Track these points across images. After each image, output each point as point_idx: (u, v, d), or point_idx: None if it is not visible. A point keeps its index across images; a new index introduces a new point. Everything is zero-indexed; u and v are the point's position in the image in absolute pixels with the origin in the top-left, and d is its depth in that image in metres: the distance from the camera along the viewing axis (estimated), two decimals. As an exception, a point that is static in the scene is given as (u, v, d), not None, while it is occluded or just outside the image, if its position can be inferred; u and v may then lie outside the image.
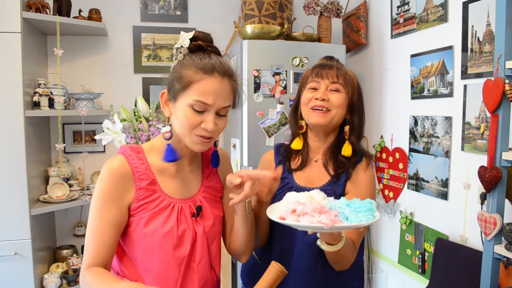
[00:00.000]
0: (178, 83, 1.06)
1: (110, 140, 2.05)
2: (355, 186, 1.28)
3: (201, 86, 1.03)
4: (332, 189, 1.28)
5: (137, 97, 2.21)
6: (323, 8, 2.56)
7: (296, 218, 0.97)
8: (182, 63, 1.07)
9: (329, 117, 1.27)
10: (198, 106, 1.04)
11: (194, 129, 1.05)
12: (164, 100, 1.11)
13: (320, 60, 1.38)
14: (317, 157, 1.35)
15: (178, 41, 1.09)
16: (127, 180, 1.08)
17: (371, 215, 0.98)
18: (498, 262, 1.38)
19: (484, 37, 1.67)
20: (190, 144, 1.08)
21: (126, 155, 1.10)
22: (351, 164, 1.30)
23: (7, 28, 2.13)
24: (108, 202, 1.05)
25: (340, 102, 1.28)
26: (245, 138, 2.29)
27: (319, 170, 1.33)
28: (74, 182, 2.64)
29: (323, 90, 1.28)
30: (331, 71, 1.29)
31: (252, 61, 2.28)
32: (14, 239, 2.20)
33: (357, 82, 1.34)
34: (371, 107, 2.51)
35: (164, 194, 1.12)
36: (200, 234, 1.13)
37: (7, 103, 2.16)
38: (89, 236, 1.05)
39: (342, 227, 0.96)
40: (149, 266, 1.09)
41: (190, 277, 1.12)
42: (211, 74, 1.04)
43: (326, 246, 1.08)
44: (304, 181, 1.33)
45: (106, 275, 0.99)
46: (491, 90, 1.31)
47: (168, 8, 2.92)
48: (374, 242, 2.50)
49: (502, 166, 1.32)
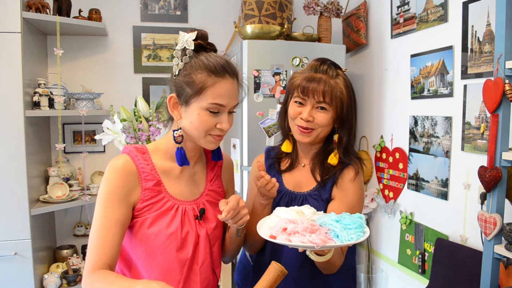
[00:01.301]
0: (190, 88, 1.05)
1: (110, 140, 2.05)
2: (341, 192, 1.28)
3: (216, 89, 1.05)
4: (319, 194, 1.29)
5: (137, 97, 2.21)
6: (323, 8, 2.56)
7: (287, 237, 0.99)
8: (191, 66, 1.06)
9: (313, 136, 1.27)
10: (214, 109, 1.06)
11: (210, 130, 1.08)
12: (173, 104, 1.10)
13: (310, 66, 1.30)
14: (305, 162, 1.36)
15: (179, 43, 1.07)
16: (133, 179, 1.07)
17: (361, 231, 1.00)
18: (498, 262, 1.38)
19: (484, 37, 1.67)
20: (205, 144, 1.11)
21: (132, 155, 1.10)
22: (337, 170, 1.29)
23: (7, 28, 2.13)
24: (114, 200, 1.04)
25: (326, 122, 1.25)
26: (245, 138, 2.29)
27: (307, 175, 1.34)
28: (74, 182, 2.64)
29: (309, 110, 1.24)
30: (318, 88, 1.22)
31: (252, 61, 2.28)
32: (14, 239, 2.20)
33: (347, 92, 1.27)
34: (371, 107, 2.51)
35: (169, 196, 1.11)
36: (203, 237, 1.13)
37: (7, 103, 2.16)
38: (94, 236, 1.02)
39: (333, 246, 0.98)
40: (152, 268, 1.08)
41: (192, 279, 1.12)
42: (223, 76, 1.06)
43: (315, 257, 1.09)
44: (293, 185, 1.34)
45: (115, 276, 0.95)
46: (491, 90, 1.31)
47: (168, 8, 2.92)
48: (374, 242, 2.50)
49: (502, 166, 1.31)
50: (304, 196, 1.30)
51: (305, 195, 1.31)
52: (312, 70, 1.27)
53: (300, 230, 0.98)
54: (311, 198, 1.29)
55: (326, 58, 1.30)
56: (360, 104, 2.61)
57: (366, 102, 2.55)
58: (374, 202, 2.42)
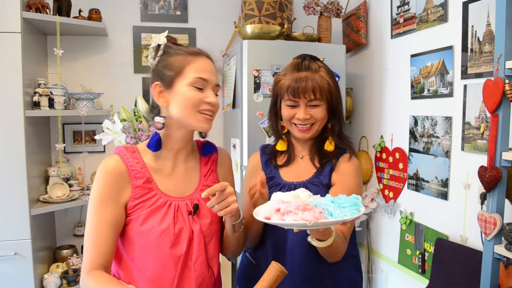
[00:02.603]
0: (170, 70, 1.10)
1: (110, 140, 2.05)
2: (340, 176, 1.31)
3: (196, 65, 1.10)
4: (319, 180, 1.31)
5: (137, 97, 2.21)
6: (323, 8, 2.56)
7: (280, 217, 0.99)
8: (168, 53, 1.12)
9: (313, 131, 1.32)
10: (198, 83, 1.09)
11: (199, 106, 1.09)
12: (158, 91, 1.12)
13: (292, 65, 1.32)
14: (302, 153, 1.39)
15: (153, 43, 1.14)
16: (123, 179, 1.08)
17: (355, 209, 0.99)
18: (498, 262, 1.38)
19: (484, 37, 1.67)
20: (197, 123, 1.11)
21: (121, 155, 1.11)
22: (334, 155, 1.33)
23: (7, 28, 2.13)
24: (105, 202, 1.06)
25: (322, 115, 1.30)
26: (245, 138, 2.29)
27: (305, 165, 1.36)
28: (74, 182, 2.64)
29: (303, 109, 1.28)
30: (307, 87, 1.25)
31: (252, 61, 2.28)
32: (14, 239, 2.20)
33: (332, 81, 1.31)
34: (371, 107, 2.51)
35: (161, 192, 1.12)
36: (197, 233, 1.13)
37: (7, 103, 2.16)
38: (88, 238, 1.06)
39: (326, 223, 0.97)
40: (146, 265, 1.09)
41: (187, 275, 1.12)
42: (199, 55, 1.12)
43: (316, 242, 1.10)
44: (291, 176, 1.35)
45: (107, 279, 0.99)
46: (491, 90, 1.31)
47: (168, 8, 2.92)
48: (374, 242, 2.50)
49: (502, 166, 1.32)
50: (304, 184, 1.32)
51: (305, 183, 1.32)
52: (295, 70, 1.30)
53: (292, 209, 0.98)
54: (311, 185, 1.31)
55: (304, 54, 1.34)
56: (360, 104, 2.62)
57: (366, 102, 2.55)
58: (374, 202, 2.42)
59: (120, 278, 1.12)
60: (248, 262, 1.43)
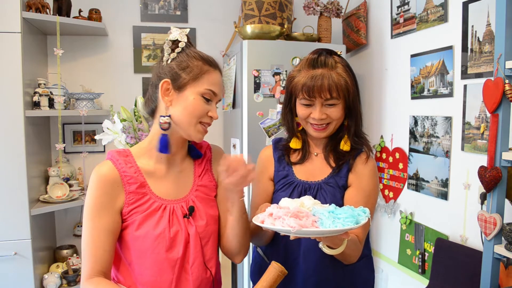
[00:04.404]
0: (186, 74, 1.08)
1: (110, 140, 2.04)
2: (357, 178, 1.27)
3: (211, 77, 1.10)
4: (335, 181, 1.28)
5: (137, 97, 2.21)
6: (323, 8, 2.56)
7: (272, 221, 1.00)
8: (186, 55, 1.10)
9: (329, 130, 1.26)
10: (208, 95, 1.10)
11: (202, 117, 1.10)
12: (165, 89, 1.09)
13: (308, 61, 1.24)
14: (317, 151, 1.34)
15: (172, 34, 1.12)
16: (116, 185, 1.08)
17: (351, 221, 0.97)
18: (498, 262, 1.38)
19: (484, 37, 1.67)
20: (194, 133, 1.11)
21: (114, 160, 1.10)
22: (351, 156, 1.29)
23: (7, 28, 2.13)
24: (99, 210, 1.05)
25: (339, 115, 1.24)
26: (245, 138, 2.29)
27: (320, 163, 1.32)
28: (74, 182, 2.64)
29: (319, 109, 1.21)
30: (323, 85, 1.18)
31: (252, 61, 2.28)
32: (14, 239, 2.20)
33: (350, 77, 1.24)
34: (371, 107, 2.51)
35: (155, 196, 1.11)
36: (193, 235, 1.12)
37: (7, 103, 2.16)
38: (85, 245, 1.05)
39: (309, 232, 0.95)
40: (143, 269, 1.09)
41: (184, 278, 1.12)
42: (215, 68, 1.13)
43: (327, 250, 1.08)
44: (305, 175, 1.31)
45: (107, 285, 1.01)
46: (491, 90, 1.31)
47: (168, 8, 2.92)
48: (374, 242, 2.50)
49: (502, 166, 1.32)
50: (319, 185, 1.28)
51: (320, 184, 1.28)
52: (311, 67, 1.23)
53: (282, 215, 0.98)
54: (326, 186, 1.27)
55: (320, 49, 1.26)
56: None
57: (366, 102, 2.55)
58: (374, 202, 2.42)
59: (119, 282, 1.12)
60: (260, 259, 1.41)
